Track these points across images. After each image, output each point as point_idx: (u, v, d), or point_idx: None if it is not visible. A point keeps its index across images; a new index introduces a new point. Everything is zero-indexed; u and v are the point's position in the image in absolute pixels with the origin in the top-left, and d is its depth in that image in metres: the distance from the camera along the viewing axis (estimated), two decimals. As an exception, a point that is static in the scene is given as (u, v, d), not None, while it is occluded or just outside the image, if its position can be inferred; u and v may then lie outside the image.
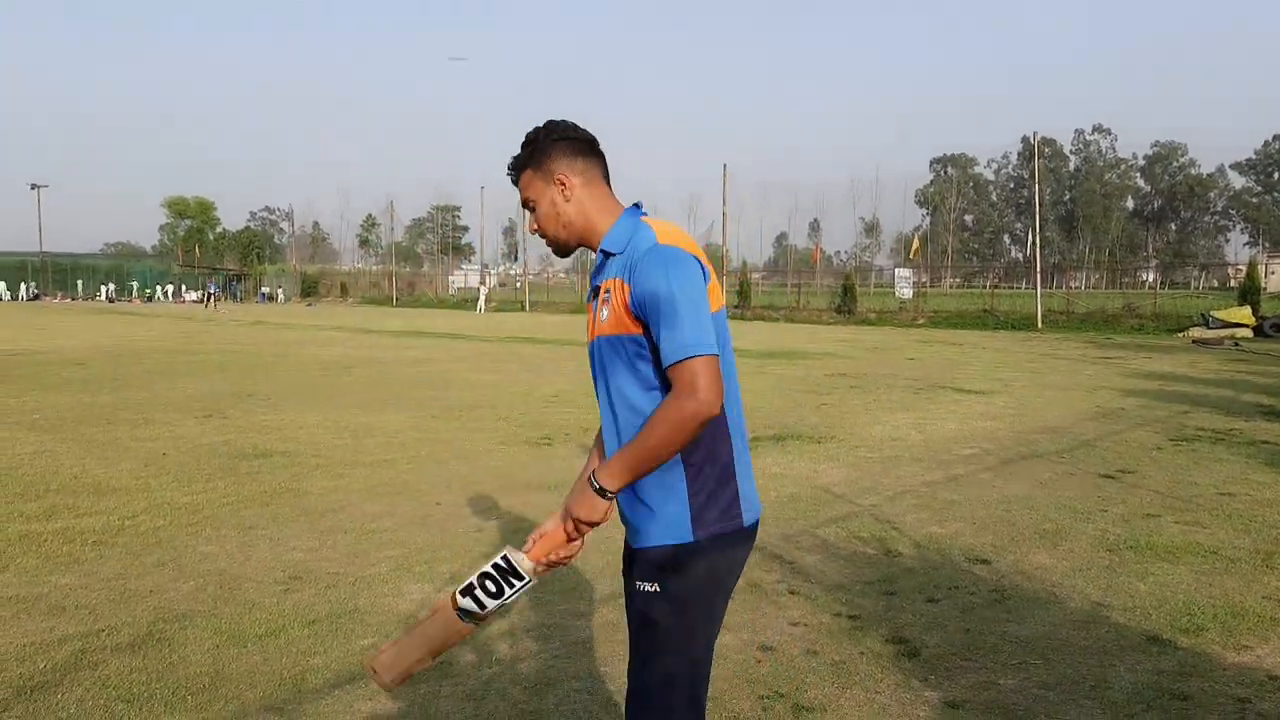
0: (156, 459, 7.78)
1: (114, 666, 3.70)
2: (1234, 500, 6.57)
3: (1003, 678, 3.68)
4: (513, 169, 2.25)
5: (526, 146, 2.22)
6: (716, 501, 2.08)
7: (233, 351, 19.88)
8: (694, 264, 2.03)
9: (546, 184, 2.20)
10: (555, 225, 2.21)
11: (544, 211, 2.21)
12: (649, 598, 2.08)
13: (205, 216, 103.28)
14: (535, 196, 2.21)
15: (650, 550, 2.09)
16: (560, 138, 2.21)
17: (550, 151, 2.20)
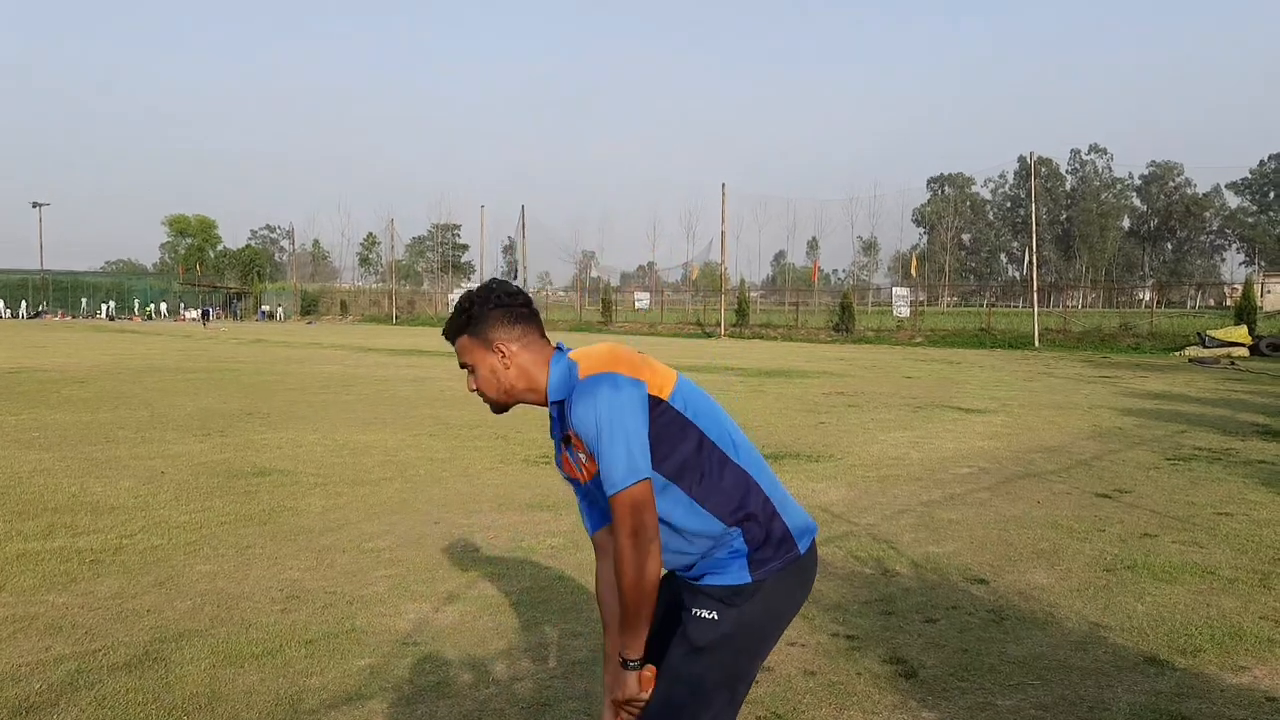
0: (155, 477, 7.78)
1: (110, 686, 3.69)
2: (1231, 520, 6.57)
3: (1000, 698, 3.67)
4: (448, 334, 2.30)
5: (461, 314, 2.26)
6: (770, 542, 2.19)
7: (232, 370, 19.88)
8: (613, 383, 2.08)
9: (486, 351, 2.25)
10: (496, 390, 2.26)
11: (484, 376, 2.26)
12: (702, 624, 2.15)
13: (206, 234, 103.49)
14: (474, 362, 2.26)
15: (706, 586, 2.18)
16: (496, 306, 2.25)
17: (488, 320, 2.24)
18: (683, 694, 2.13)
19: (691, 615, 2.17)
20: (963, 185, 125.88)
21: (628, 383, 2.09)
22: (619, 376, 2.09)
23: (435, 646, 4.17)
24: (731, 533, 2.16)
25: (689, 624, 2.17)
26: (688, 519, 2.17)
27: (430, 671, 3.90)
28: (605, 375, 2.09)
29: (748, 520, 2.17)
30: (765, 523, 2.19)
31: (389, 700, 3.62)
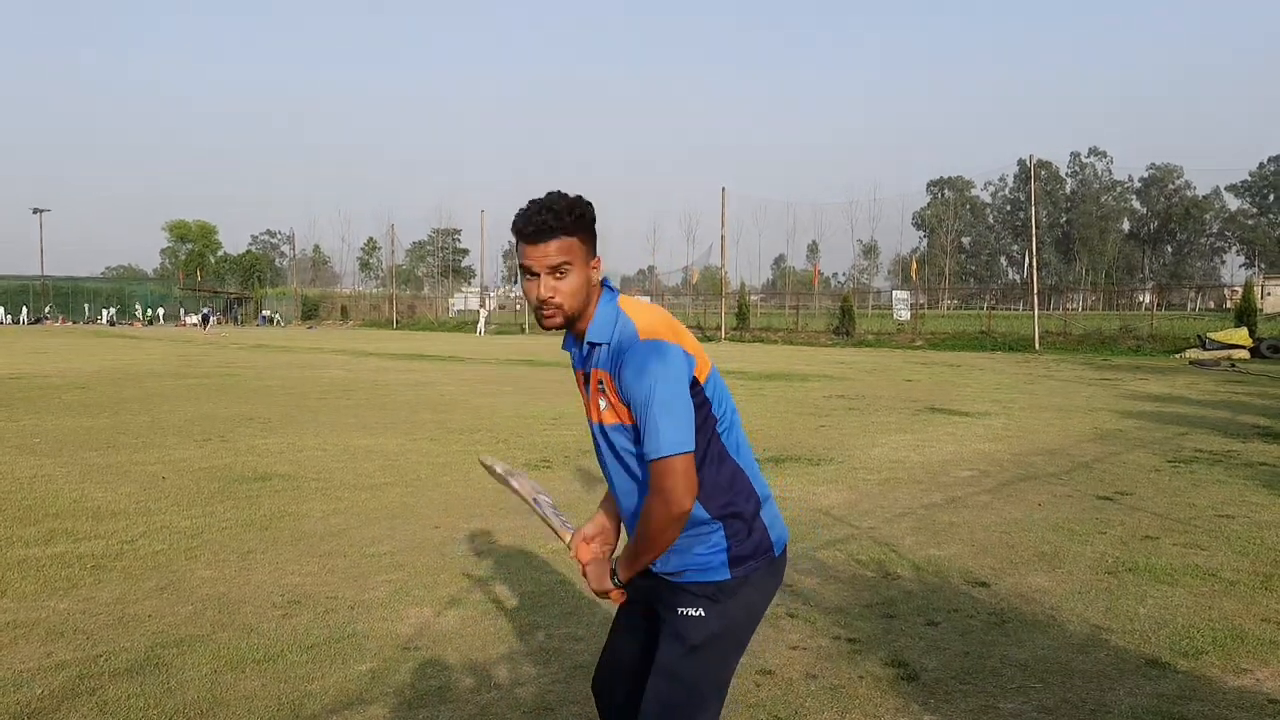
0: (156, 483, 7.78)
1: (112, 692, 3.69)
2: (1232, 522, 6.57)
3: (1002, 701, 3.67)
4: (547, 227, 2.09)
5: (571, 212, 2.10)
6: (750, 543, 2.21)
7: (232, 375, 19.89)
8: (673, 354, 2.07)
9: (585, 259, 2.14)
10: (577, 302, 2.15)
11: (576, 284, 2.13)
12: (691, 622, 2.17)
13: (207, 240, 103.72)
14: (574, 262, 2.12)
15: (688, 585, 2.20)
16: (594, 218, 2.17)
17: (593, 230, 2.17)
18: (681, 694, 2.15)
19: (679, 615, 2.19)
20: (962, 188, 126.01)
21: (686, 358, 2.10)
22: (681, 349, 2.09)
23: (437, 651, 4.17)
24: (713, 526, 2.17)
25: (678, 624, 2.18)
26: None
27: (432, 676, 3.90)
28: (671, 345, 2.07)
29: (733, 518, 2.19)
30: (749, 523, 2.21)
31: (390, 705, 3.62)
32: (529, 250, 2.11)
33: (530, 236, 2.10)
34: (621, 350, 2.08)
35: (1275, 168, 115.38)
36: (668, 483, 2.00)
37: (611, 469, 2.26)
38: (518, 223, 2.12)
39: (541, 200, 2.11)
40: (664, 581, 2.25)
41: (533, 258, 2.11)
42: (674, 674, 2.16)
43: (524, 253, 2.13)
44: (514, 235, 2.15)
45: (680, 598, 2.19)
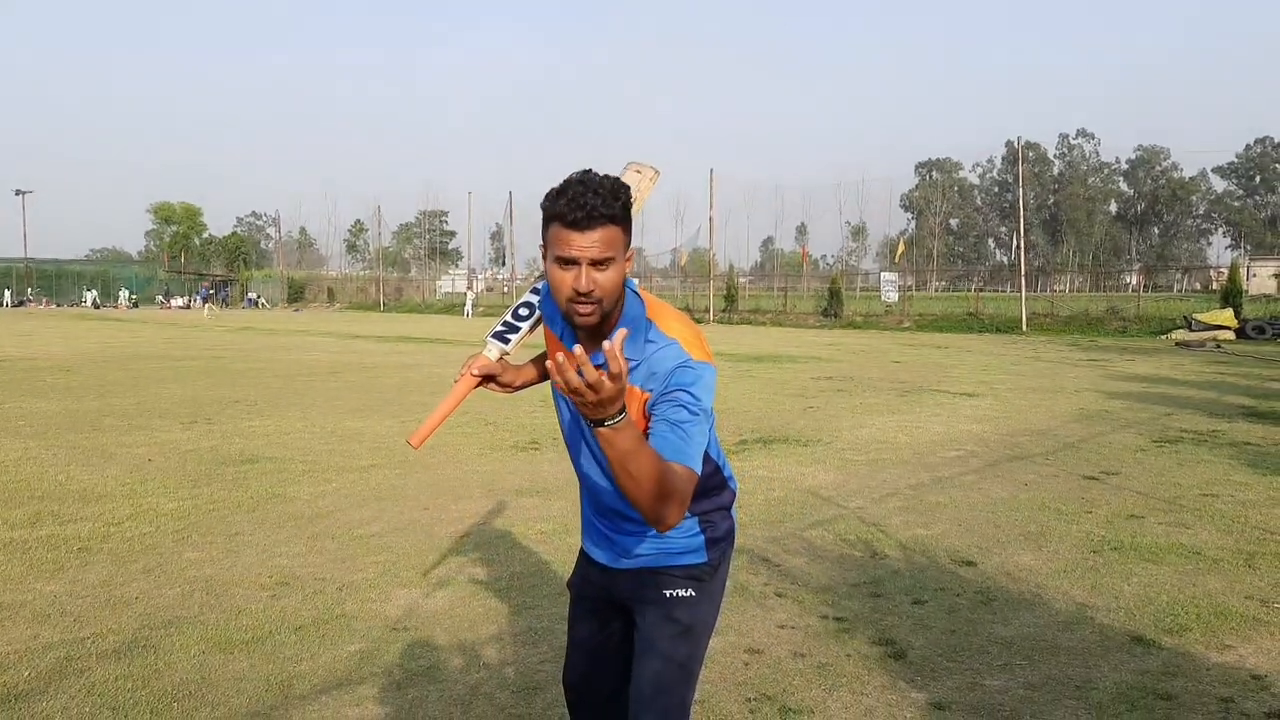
0: (142, 465, 7.75)
1: (99, 674, 3.69)
2: (1217, 501, 6.62)
3: (988, 679, 3.70)
4: (602, 215, 1.86)
5: (616, 197, 1.88)
6: (721, 526, 2.23)
7: (219, 357, 19.80)
8: (713, 378, 1.97)
9: (625, 250, 1.93)
10: (614, 299, 1.93)
11: (616, 279, 1.91)
12: (682, 603, 2.16)
13: (191, 222, 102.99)
14: (615, 255, 1.90)
15: (669, 568, 2.17)
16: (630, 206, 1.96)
17: (630, 219, 1.95)
18: (675, 674, 2.14)
19: (669, 598, 2.16)
20: (950, 170, 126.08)
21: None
22: (715, 371, 2.00)
23: (425, 631, 4.17)
24: (689, 518, 2.16)
25: (669, 606, 2.16)
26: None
27: (420, 656, 3.90)
28: (712, 368, 1.98)
29: (711, 511, 2.20)
30: (721, 520, 2.23)
31: (379, 685, 3.63)
32: (573, 237, 1.85)
33: (579, 223, 1.85)
34: (663, 368, 1.93)
35: (1261, 149, 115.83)
36: (687, 494, 1.84)
37: (592, 471, 2.19)
38: (560, 205, 1.86)
39: (583, 179, 1.87)
40: (637, 573, 2.21)
41: (577, 246, 1.85)
42: (669, 655, 2.14)
43: (564, 239, 1.86)
44: (551, 218, 1.89)
45: (665, 580, 2.17)
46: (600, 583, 2.28)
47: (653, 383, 1.94)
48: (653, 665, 2.15)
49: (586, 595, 2.33)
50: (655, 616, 2.16)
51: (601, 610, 2.32)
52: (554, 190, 1.88)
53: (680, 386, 1.91)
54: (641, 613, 2.19)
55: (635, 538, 2.19)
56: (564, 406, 2.18)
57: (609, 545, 2.24)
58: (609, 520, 2.22)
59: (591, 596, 2.32)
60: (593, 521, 2.28)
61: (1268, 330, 26.96)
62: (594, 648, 2.35)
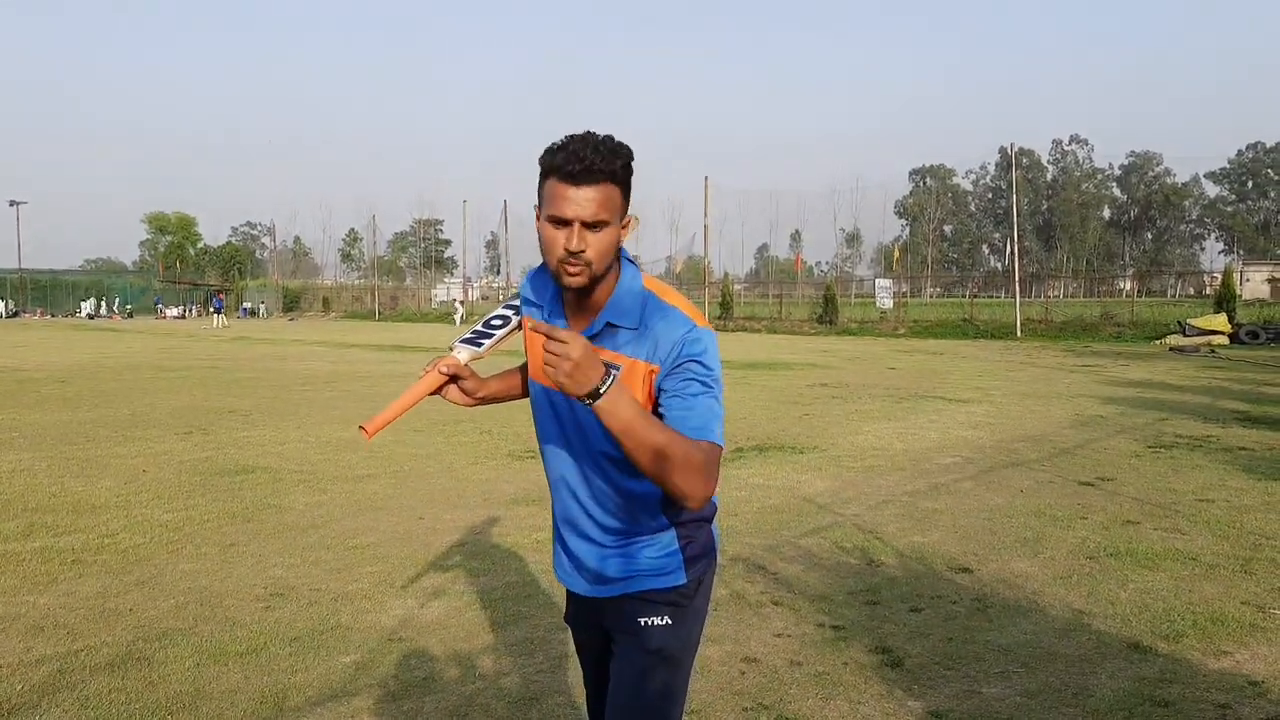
0: (136, 476, 7.72)
1: (93, 686, 3.67)
2: (1212, 506, 6.62)
3: (985, 686, 3.69)
4: (600, 172, 1.79)
5: (618, 155, 1.81)
6: (699, 543, 2.06)
7: (213, 367, 19.76)
8: (717, 344, 1.93)
9: (621, 215, 1.86)
10: (606, 263, 1.85)
11: (609, 241, 1.83)
12: (657, 632, 2.00)
13: (186, 232, 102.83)
14: (609, 218, 1.81)
15: (646, 593, 2.02)
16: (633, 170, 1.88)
17: (630, 183, 1.87)
18: (655, 705, 2.02)
19: (642, 626, 2.00)
20: (944, 177, 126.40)
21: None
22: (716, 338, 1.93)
23: (421, 642, 4.15)
24: (665, 529, 2.00)
25: (643, 635, 2.00)
26: (641, 486, 1.95)
27: (416, 667, 3.89)
28: (715, 334, 1.91)
29: (689, 523, 2.03)
30: (701, 534, 2.07)
31: (374, 696, 3.61)
32: (568, 192, 1.78)
33: (575, 176, 1.77)
34: (670, 338, 1.85)
35: (1253, 155, 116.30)
36: (715, 471, 1.79)
37: (568, 470, 2.03)
38: (558, 159, 1.79)
39: (584, 136, 1.80)
40: (615, 602, 2.04)
41: (571, 202, 1.78)
42: (644, 688, 2.01)
43: (558, 194, 1.79)
44: (548, 173, 1.81)
45: (640, 608, 2.01)
46: (586, 613, 2.15)
47: (658, 354, 1.84)
48: (628, 699, 2.02)
49: (580, 626, 2.22)
50: (630, 646, 2.03)
51: (596, 642, 2.19)
52: (553, 145, 1.82)
53: (691, 357, 1.83)
54: (617, 641, 2.06)
55: (608, 551, 2.02)
56: (544, 402, 2.03)
57: (579, 569, 2.08)
58: (580, 530, 2.05)
59: (585, 626, 2.20)
60: (564, 543, 2.11)
61: (1261, 335, 27.03)
62: (600, 681, 2.22)
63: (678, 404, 1.80)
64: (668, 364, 1.83)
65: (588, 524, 2.03)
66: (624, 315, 1.87)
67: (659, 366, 1.84)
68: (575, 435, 1.97)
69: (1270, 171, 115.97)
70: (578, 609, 2.18)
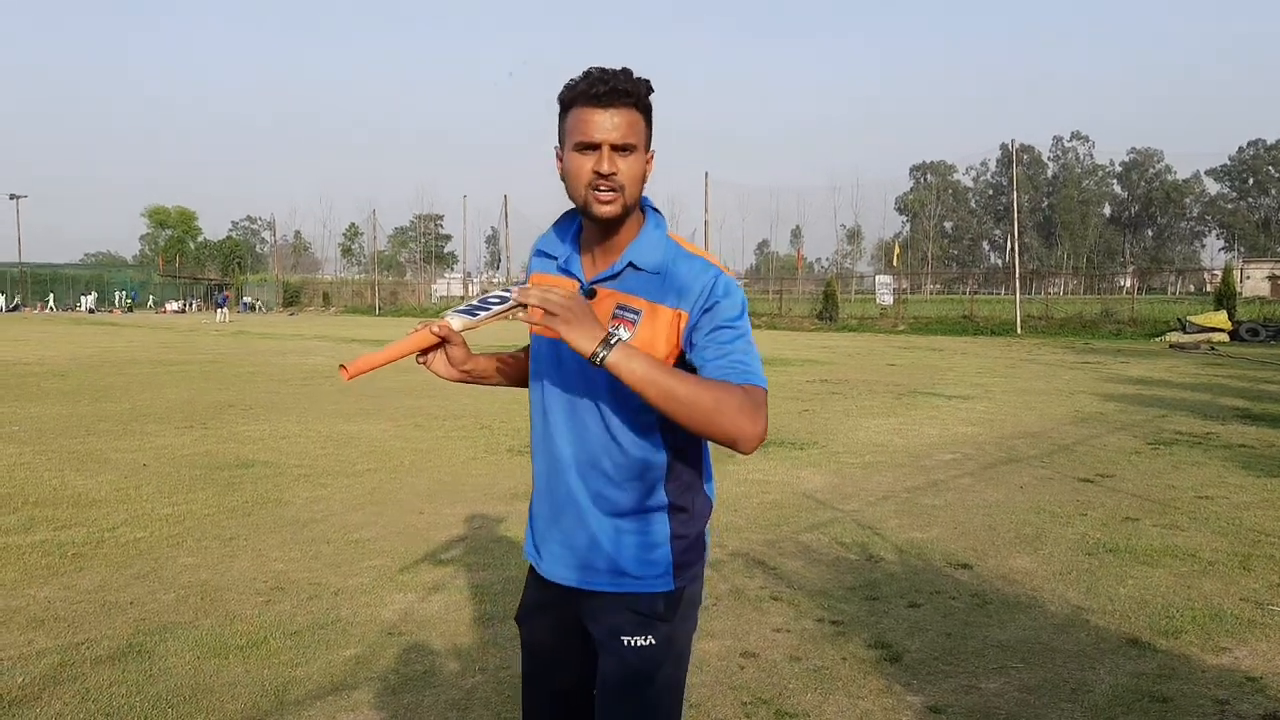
0: (137, 470, 7.73)
1: (94, 679, 3.67)
2: (1212, 503, 6.63)
3: (984, 682, 3.70)
4: (627, 93, 1.76)
5: (639, 85, 1.78)
6: (692, 544, 1.93)
7: (214, 361, 19.76)
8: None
9: (647, 144, 1.83)
10: (636, 193, 1.81)
11: (638, 171, 1.79)
12: (641, 653, 1.86)
13: (186, 226, 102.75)
14: (637, 143, 1.78)
15: (626, 598, 1.87)
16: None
17: (652, 117, 1.84)
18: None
19: (625, 645, 1.86)
20: (945, 173, 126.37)
21: None
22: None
23: (421, 636, 4.16)
24: (659, 512, 1.88)
25: (626, 655, 1.86)
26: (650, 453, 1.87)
27: (416, 661, 3.90)
28: (738, 282, 1.87)
29: (683, 511, 1.91)
30: (698, 523, 1.94)
31: (375, 690, 3.62)
32: (593, 116, 1.74)
33: (602, 98, 1.74)
34: (701, 286, 1.80)
35: (1254, 152, 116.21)
36: (765, 412, 1.74)
37: (575, 421, 1.89)
38: (581, 85, 1.76)
39: (603, 68, 1.78)
40: (598, 599, 1.90)
41: (597, 124, 1.74)
42: (629, 709, 1.88)
43: (585, 118, 1.75)
44: (572, 101, 1.78)
45: (622, 622, 1.87)
46: (558, 607, 1.97)
47: (686, 301, 1.79)
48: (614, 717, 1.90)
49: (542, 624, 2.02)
50: (613, 666, 1.89)
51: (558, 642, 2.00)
52: (572, 79, 1.79)
53: (719, 303, 1.79)
54: (600, 652, 1.91)
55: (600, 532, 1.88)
56: (551, 359, 1.92)
57: (570, 553, 1.92)
58: (576, 509, 1.90)
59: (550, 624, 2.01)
60: (554, 525, 1.95)
61: (1261, 332, 27.03)
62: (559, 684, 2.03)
63: (713, 350, 1.76)
64: (696, 311, 1.79)
65: (585, 499, 1.89)
66: (646, 258, 1.83)
67: (688, 313, 1.79)
68: (584, 397, 1.87)
69: (1271, 169, 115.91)
70: (545, 602, 2.00)
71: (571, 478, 1.89)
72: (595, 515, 1.88)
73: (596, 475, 1.87)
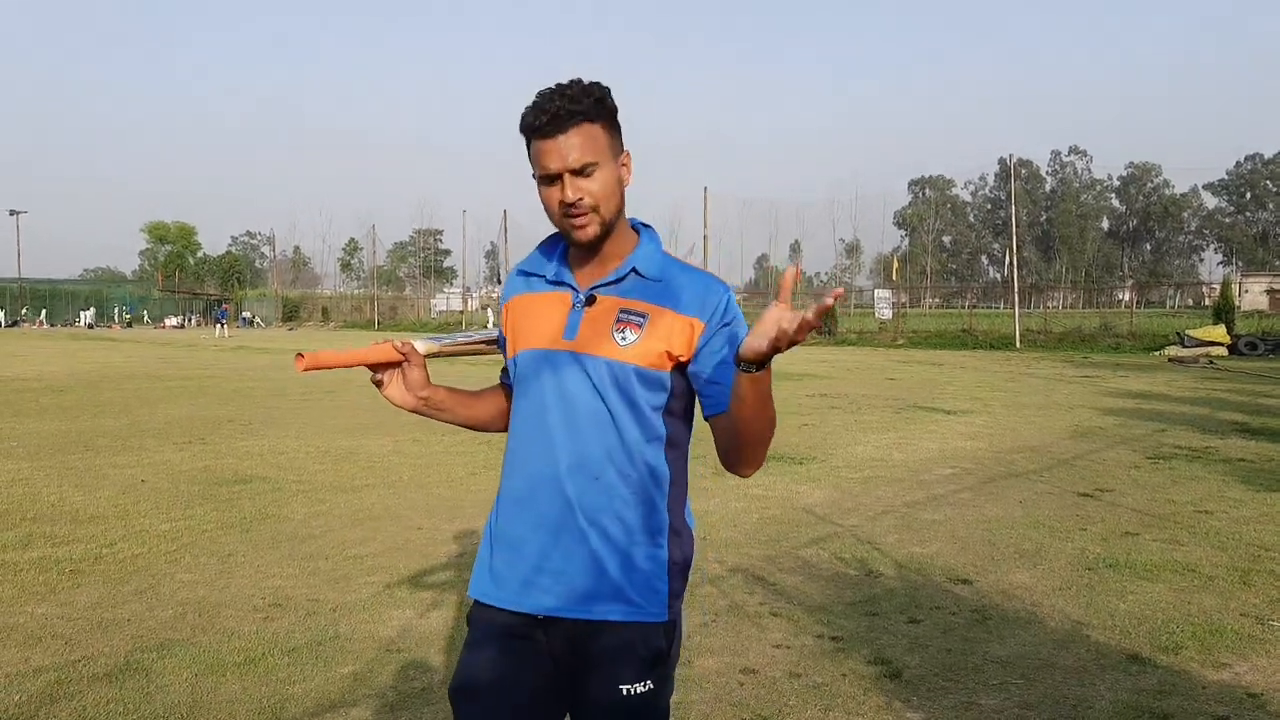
0: (135, 486, 7.72)
1: (91, 697, 3.66)
2: (1211, 518, 6.62)
3: (984, 698, 3.69)
4: (570, 113, 1.70)
5: (586, 94, 1.72)
6: (683, 570, 1.84)
7: (212, 377, 19.75)
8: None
9: (613, 155, 1.77)
10: (613, 204, 1.76)
11: (608, 181, 1.74)
12: (638, 702, 1.73)
13: (186, 241, 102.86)
14: (596, 158, 1.72)
15: (625, 630, 1.75)
16: (615, 107, 1.79)
17: (616, 120, 1.79)
18: None
19: (624, 695, 1.72)
20: (943, 187, 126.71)
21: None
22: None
23: (420, 653, 4.15)
24: (660, 535, 1.80)
25: (623, 705, 1.72)
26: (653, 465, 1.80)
27: (415, 678, 3.88)
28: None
29: (678, 534, 1.83)
30: (688, 547, 1.85)
31: (373, 707, 3.60)
32: (545, 146, 1.72)
33: (544, 129, 1.71)
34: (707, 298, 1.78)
35: (1252, 166, 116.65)
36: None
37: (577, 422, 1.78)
38: (528, 118, 1.74)
39: (550, 88, 1.74)
40: (590, 629, 1.75)
41: (550, 154, 1.71)
42: None
43: (540, 151, 1.73)
44: (525, 134, 1.77)
45: (620, 669, 1.73)
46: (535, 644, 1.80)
47: (702, 312, 1.77)
48: None
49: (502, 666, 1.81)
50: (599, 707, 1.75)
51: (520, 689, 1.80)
52: (525, 107, 1.75)
53: (735, 319, 1.78)
54: (588, 697, 1.76)
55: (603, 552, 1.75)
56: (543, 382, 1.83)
57: (558, 579, 1.77)
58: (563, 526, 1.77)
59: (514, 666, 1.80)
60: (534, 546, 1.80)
61: (1260, 346, 27.05)
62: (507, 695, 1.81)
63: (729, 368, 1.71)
64: (714, 324, 1.77)
65: (585, 517, 1.76)
66: (649, 266, 1.81)
67: (704, 324, 1.77)
68: (591, 410, 1.77)
69: (1269, 183, 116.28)
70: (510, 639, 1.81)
71: (571, 494, 1.77)
72: (597, 534, 1.75)
73: (601, 491, 1.76)
